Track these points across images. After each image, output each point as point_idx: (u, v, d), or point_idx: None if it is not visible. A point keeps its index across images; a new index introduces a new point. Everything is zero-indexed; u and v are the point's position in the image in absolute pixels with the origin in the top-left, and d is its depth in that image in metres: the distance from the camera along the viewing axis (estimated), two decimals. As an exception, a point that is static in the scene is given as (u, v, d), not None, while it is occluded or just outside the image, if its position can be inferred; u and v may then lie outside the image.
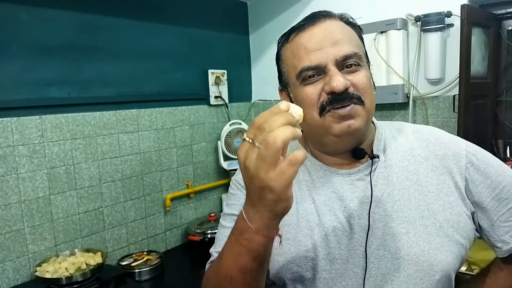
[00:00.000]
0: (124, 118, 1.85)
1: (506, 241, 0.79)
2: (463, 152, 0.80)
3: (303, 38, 0.76)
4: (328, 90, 0.73)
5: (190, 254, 2.00)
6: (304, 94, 0.76)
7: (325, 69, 0.74)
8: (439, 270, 0.74)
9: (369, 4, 1.93)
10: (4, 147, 1.48)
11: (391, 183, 0.79)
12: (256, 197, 0.57)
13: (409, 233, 0.75)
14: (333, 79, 0.72)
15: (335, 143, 0.78)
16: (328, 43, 0.74)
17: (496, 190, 0.79)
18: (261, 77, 2.50)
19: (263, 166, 0.54)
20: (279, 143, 0.52)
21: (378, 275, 0.75)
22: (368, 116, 0.77)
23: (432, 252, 0.74)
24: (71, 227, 1.68)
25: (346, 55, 0.73)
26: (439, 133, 0.86)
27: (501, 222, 0.79)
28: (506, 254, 0.81)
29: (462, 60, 1.57)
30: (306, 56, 0.75)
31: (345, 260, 0.77)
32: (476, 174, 0.79)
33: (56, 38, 1.62)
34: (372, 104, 0.78)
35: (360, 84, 0.74)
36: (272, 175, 0.54)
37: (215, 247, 0.87)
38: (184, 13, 2.11)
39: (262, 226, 0.59)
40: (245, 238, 0.62)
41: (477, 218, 0.80)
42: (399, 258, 0.74)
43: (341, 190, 0.80)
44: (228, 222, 0.87)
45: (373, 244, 0.76)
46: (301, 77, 0.76)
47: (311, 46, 0.75)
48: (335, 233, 0.78)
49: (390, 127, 0.88)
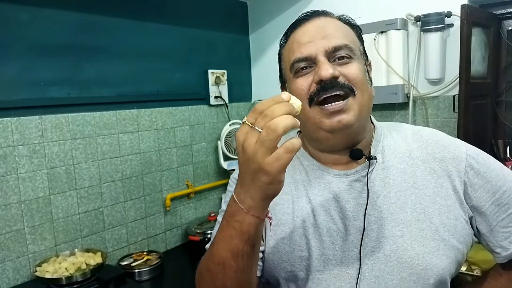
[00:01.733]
0: (124, 118, 1.85)
1: (505, 247, 0.78)
2: (463, 156, 0.79)
3: (297, 34, 0.78)
4: (317, 79, 0.74)
5: (190, 254, 2.00)
6: (295, 86, 0.77)
7: (316, 60, 0.75)
8: (433, 274, 0.73)
9: (369, 4, 1.93)
10: (4, 147, 1.48)
11: (388, 185, 0.78)
12: (249, 178, 0.60)
13: (404, 236, 0.75)
14: (321, 68, 0.73)
15: (328, 139, 0.78)
16: (319, 36, 0.75)
17: (496, 195, 0.77)
18: (261, 77, 2.50)
19: (261, 150, 0.56)
20: (280, 130, 0.55)
21: (371, 277, 0.75)
22: (361, 110, 0.75)
23: (427, 255, 0.73)
24: (71, 227, 1.68)
25: (335, 46, 0.74)
26: (439, 135, 0.85)
27: (500, 227, 0.78)
28: (505, 260, 0.79)
29: (462, 60, 1.57)
30: (298, 49, 0.77)
31: (339, 261, 0.76)
32: (475, 178, 0.78)
33: (56, 38, 1.62)
34: (365, 98, 0.76)
35: (351, 75, 0.74)
36: (269, 160, 0.56)
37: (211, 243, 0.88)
38: (184, 13, 2.11)
39: (253, 206, 0.61)
40: (236, 220, 0.63)
41: (475, 222, 0.79)
42: (393, 260, 0.74)
43: (338, 191, 0.80)
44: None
45: (367, 246, 0.76)
46: (294, 70, 0.77)
47: (303, 40, 0.77)
48: (329, 233, 0.78)
49: (389, 128, 0.87)
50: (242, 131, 0.59)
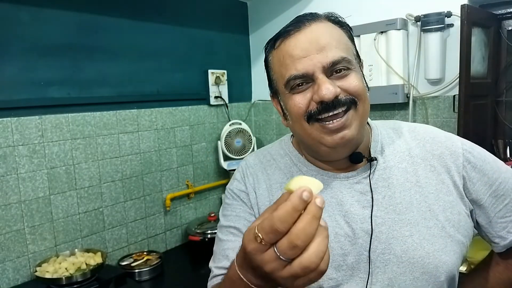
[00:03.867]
0: (124, 118, 1.85)
1: (503, 237, 0.80)
2: (460, 151, 0.79)
3: (288, 45, 0.73)
4: (318, 100, 0.70)
5: (190, 254, 2.00)
6: (292, 103, 0.74)
7: (313, 77, 0.71)
8: (444, 272, 0.74)
9: (369, 4, 1.93)
10: (4, 147, 1.48)
11: (392, 185, 0.78)
12: (257, 273, 0.54)
13: (413, 236, 0.74)
14: (322, 88, 0.69)
15: (329, 154, 0.76)
16: (313, 49, 0.71)
17: (493, 187, 0.79)
18: (261, 77, 2.49)
19: (285, 274, 0.48)
20: (324, 268, 0.47)
21: (384, 280, 0.74)
22: (362, 121, 0.75)
23: (436, 253, 0.74)
24: (71, 227, 1.68)
25: (333, 61, 0.71)
26: (434, 131, 0.85)
27: (498, 218, 0.79)
28: (503, 249, 0.81)
29: (462, 60, 1.57)
30: (292, 65, 0.72)
31: (350, 267, 0.75)
32: (473, 172, 0.78)
33: (56, 38, 1.62)
34: (366, 107, 0.75)
35: (352, 88, 0.72)
36: (285, 276, 0.48)
37: (214, 261, 0.84)
38: (184, 13, 2.11)
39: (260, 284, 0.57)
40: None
41: (475, 215, 0.80)
42: (404, 261, 0.74)
43: (340, 195, 0.79)
44: (225, 235, 0.84)
45: (377, 249, 0.75)
46: (289, 86, 0.73)
47: (296, 53, 0.72)
48: (337, 239, 0.76)
49: (385, 127, 0.86)
50: (260, 251, 0.49)
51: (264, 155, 0.90)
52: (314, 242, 0.47)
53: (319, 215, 0.47)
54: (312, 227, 0.46)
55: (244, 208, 0.85)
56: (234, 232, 0.83)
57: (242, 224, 0.83)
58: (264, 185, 0.85)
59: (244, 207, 0.86)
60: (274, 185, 0.85)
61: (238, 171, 0.90)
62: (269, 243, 0.48)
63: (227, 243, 0.83)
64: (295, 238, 0.46)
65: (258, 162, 0.89)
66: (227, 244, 0.82)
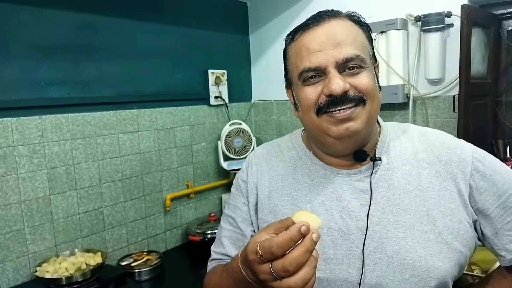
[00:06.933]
0: (124, 118, 1.85)
1: (510, 250, 0.78)
2: (469, 159, 0.78)
3: (306, 38, 0.76)
4: (327, 93, 0.73)
5: (190, 254, 2.00)
6: (304, 94, 0.76)
7: (325, 71, 0.73)
8: (435, 277, 0.73)
9: (369, 4, 1.93)
10: (4, 147, 1.48)
11: (392, 186, 0.78)
12: (253, 274, 0.62)
13: (407, 238, 0.75)
14: (332, 82, 0.72)
15: (334, 145, 0.78)
16: (329, 44, 0.73)
17: (502, 198, 0.77)
18: (261, 77, 2.50)
19: (274, 285, 0.58)
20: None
21: (373, 277, 0.75)
22: (369, 117, 0.75)
23: (429, 258, 0.73)
24: (71, 227, 1.68)
25: (347, 57, 0.72)
26: (445, 137, 0.84)
27: (505, 230, 0.77)
28: (510, 263, 0.79)
29: (462, 60, 1.57)
30: (307, 57, 0.74)
31: (340, 261, 0.77)
32: (481, 181, 0.77)
33: (56, 38, 1.62)
34: (375, 105, 0.76)
35: (361, 85, 0.73)
36: (274, 287, 0.59)
37: (216, 246, 0.93)
38: (184, 13, 2.11)
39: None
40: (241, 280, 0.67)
41: (479, 225, 0.79)
42: (395, 261, 0.74)
43: (340, 191, 0.80)
44: (224, 223, 0.93)
45: (369, 247, 0.76)
46: (302, 78, 0.76)
47: (313, 47, 0.74)
48: (330, 233, 0.78)
49: (396, 129, 0.86)
50: (259, 265, 0.59)
51: (273, 146, 0.94)
52: (303, 270, 0.56)
53: (312, 249, 0.56)
54: (304, 258, 0.56)
55: (241, 199, 0.91)
56: (231, 222, 0.91)
57: (238, 215, 0.91)
58: (267, 175, 0.89)
59: (241, 198, 0.91)
60: (275, 176, 0.88)
61: (246, 160, 0.96)
62: (266, 260, 0.58)
63: (224, 231, 0.92)
64: (288, 264, 0.56)
65: (265, 153, 0.93)
66: (224, 232, 0.92)
